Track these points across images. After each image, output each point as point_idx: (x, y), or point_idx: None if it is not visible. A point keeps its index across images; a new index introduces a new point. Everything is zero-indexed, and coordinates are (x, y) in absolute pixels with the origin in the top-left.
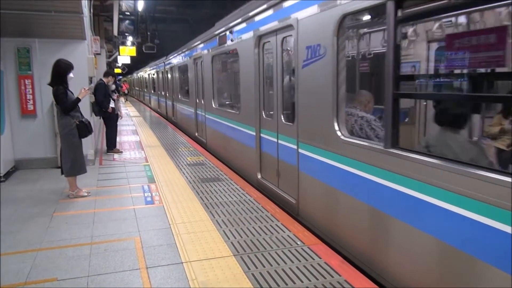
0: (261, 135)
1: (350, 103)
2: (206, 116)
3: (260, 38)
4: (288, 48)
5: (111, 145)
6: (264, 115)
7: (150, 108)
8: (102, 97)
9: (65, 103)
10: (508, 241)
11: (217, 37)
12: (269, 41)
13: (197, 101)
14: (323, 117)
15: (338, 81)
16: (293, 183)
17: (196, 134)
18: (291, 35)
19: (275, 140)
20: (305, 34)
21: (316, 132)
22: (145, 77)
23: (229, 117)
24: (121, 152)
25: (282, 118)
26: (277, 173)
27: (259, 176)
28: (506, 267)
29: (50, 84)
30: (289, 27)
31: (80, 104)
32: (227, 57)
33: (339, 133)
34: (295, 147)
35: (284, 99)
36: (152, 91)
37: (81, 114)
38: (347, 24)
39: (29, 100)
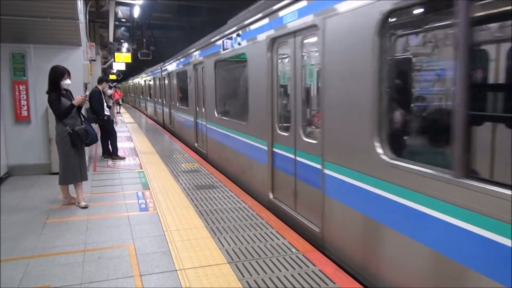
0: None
1: None
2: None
3: None
4: None
5: (115, 150)
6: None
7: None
8: (98, 106)
9: (57, 110)
10: None
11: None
12: None
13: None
14: None
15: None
16: None
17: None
18: None
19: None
20: None
21: None
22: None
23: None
24: (124, 158)
25: None
26: None
27: None
28: None
29: (47, 91)
30: None
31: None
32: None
33: None
34: None
35: None
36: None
37: (82, 120)
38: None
39: (23, 106)
